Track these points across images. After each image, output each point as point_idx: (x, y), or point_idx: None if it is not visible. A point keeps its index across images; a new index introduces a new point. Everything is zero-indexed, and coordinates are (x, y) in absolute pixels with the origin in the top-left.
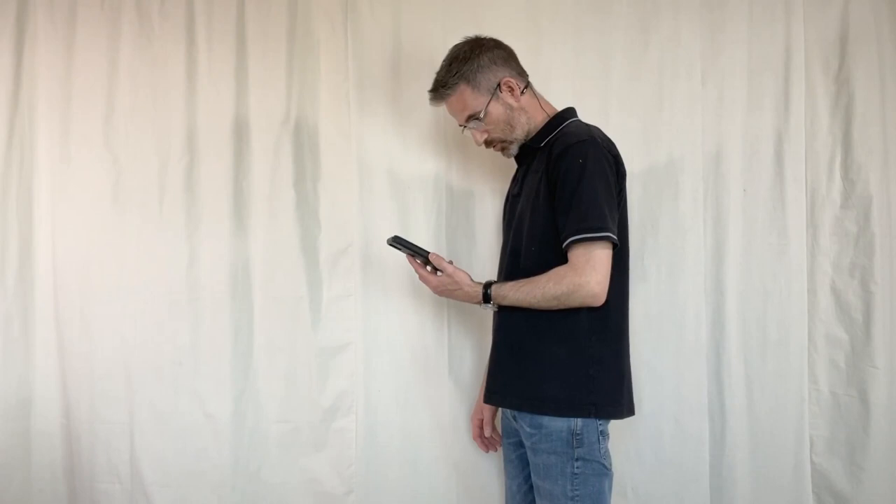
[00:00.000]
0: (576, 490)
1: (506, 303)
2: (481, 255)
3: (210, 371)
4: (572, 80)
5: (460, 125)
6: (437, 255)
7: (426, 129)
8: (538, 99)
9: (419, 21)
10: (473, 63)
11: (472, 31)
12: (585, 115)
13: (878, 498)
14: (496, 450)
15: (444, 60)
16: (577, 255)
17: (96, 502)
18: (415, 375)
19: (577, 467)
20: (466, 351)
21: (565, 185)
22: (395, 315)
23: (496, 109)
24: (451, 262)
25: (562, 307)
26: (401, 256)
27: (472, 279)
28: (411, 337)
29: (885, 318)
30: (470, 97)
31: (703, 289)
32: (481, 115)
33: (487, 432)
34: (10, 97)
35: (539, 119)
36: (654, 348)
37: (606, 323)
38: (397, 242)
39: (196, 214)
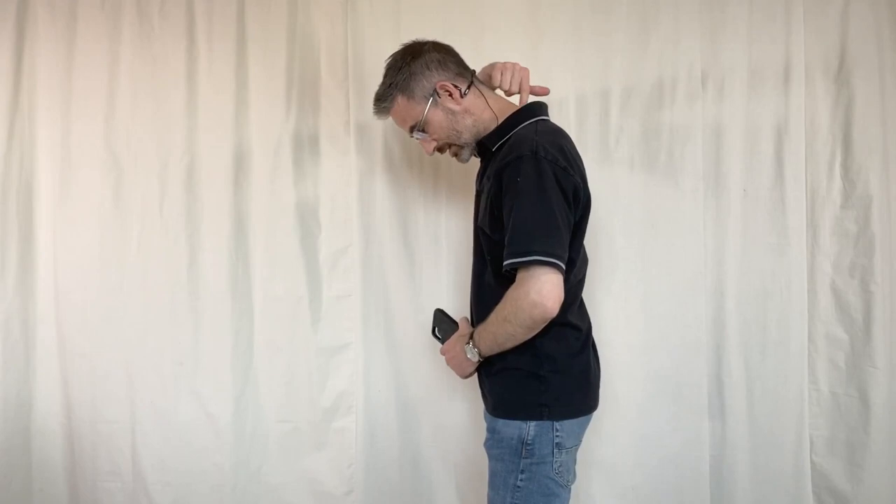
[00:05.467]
0: (506, 502)
1: (483, 346)
2: None
3: (210, 371)
4: (572, 80)
5: (411, 136)
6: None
7: None
8: (485, 97)
9: (419, 21)
10: (405, 72)
11: (472, 32)
12: (585, 115)
13: (878, 498)
14: None
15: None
16: (519, 275)
17: (98, 501)
18: (415, 375)
19: (521, 480)
20: None
21: (503, 206)
22: (394, 315)
23: (436, 116)
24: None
25: (520, 331)
26: (399, 256)
27: (460, 333)
28: (411, 337)
29: (885, 318)
30: (407, 108)
31: (703, 289)
32: (422, 124)
33: None
34: (11, 97)
35: (487, 117)
36: (654, 348)
37: (553, 321)
38: (436, 333)
39: (196, 214)
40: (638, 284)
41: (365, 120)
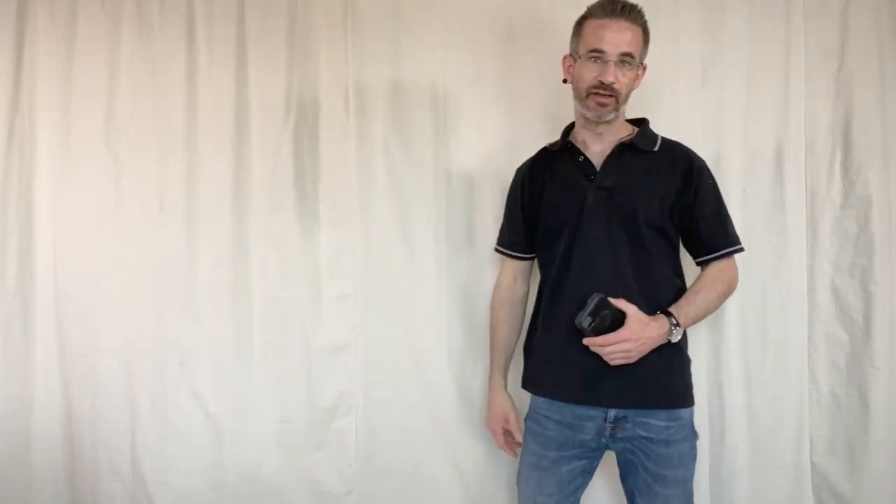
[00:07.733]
0: (692, 472)
1: (689, 320)
2: (481, 255)
3: (210, 371)
4: None
5: (609, 57)
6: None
7: (426, 129)
8: None
9: (419, 22)
10: (648, 30)
11: (472, 32)
12: None
13: (878, 498)
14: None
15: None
16: (727, 261)
17: (98, 501)
18: (415, 376)
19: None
20: (466, 350)
21: (707, 202)
22: (395, 315)
23: (635, 74)
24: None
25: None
26: (398, 256)
27: (642, 319)
28: (411, 337)
29: (885, 318)
30: (640, 43)
31: None
32: (634, 60)
33: (519, 437)
34: (11, 97)
35: (623, 116)
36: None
37: None
38: (582, 322)
39: (196, 214)
40: None
41: (365, 120)
